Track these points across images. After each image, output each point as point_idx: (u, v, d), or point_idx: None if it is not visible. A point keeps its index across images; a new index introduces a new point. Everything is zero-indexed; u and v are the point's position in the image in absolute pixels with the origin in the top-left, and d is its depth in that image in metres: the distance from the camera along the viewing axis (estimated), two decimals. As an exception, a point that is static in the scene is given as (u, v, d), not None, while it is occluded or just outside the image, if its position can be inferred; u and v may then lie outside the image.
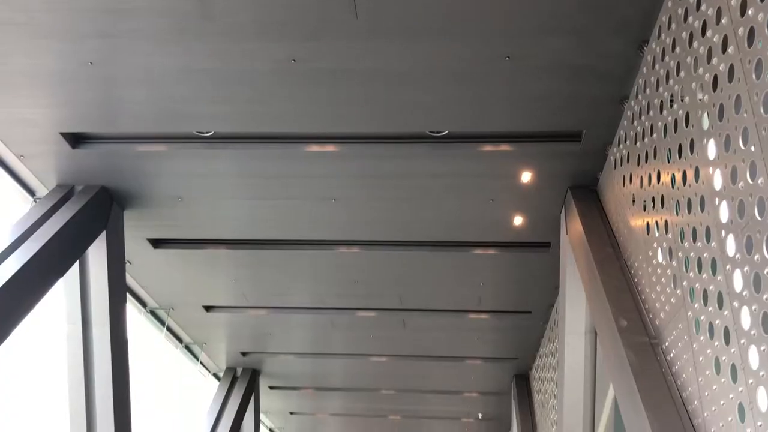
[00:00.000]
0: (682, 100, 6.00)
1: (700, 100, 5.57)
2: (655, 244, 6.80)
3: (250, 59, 7.42)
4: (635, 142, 7.51)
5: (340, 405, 21.60)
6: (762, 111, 4.47)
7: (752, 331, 4.61)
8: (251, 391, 17.59)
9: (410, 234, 11.12)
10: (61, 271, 9.32)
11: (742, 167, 4.76)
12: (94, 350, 10.74)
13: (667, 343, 6.39)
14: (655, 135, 6.82)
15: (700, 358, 5.54)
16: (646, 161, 7.11)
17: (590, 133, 8.35)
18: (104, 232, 10.12)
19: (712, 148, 5.36)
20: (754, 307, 4.58)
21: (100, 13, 6.84)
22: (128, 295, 12.93)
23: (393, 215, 10.50)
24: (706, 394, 5.41)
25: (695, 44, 5.68)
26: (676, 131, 6.19)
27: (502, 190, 9.67)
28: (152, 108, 8.34)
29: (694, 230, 5.69)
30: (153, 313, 14.38)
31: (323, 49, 7.23)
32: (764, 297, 4.43)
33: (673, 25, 6.22)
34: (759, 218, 4.51)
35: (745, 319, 4.75)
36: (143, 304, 13.93)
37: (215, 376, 18.04)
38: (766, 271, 4.40)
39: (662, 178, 6.59)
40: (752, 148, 4.58)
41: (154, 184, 9.96)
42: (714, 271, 5.27)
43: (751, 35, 4.66)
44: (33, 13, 6.89)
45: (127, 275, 12.35)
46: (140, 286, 13.25)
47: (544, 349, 14.54)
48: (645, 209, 7.15)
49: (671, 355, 6.26)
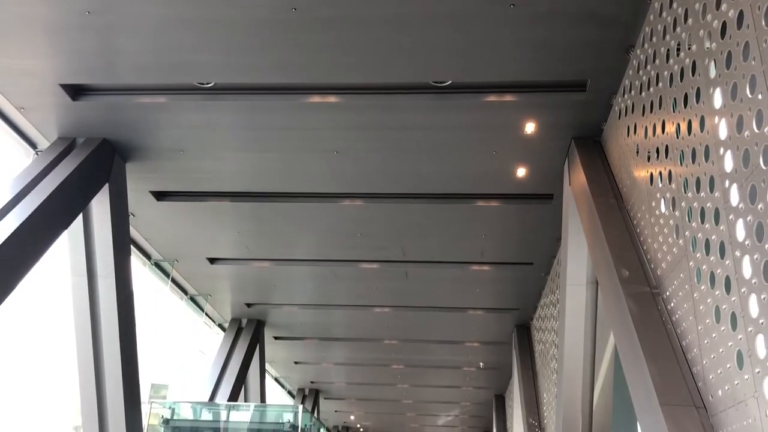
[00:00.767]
0: (689, 48, 5.91)
1: (708, 48, 5.48)
2: (658, 195, 6.78)
3: (250, 8, 7.29)
4: (640, 92, 7.42)
5: (344, 354, 21.95)
6: (770, 58, 4.40)
7: (753, 280, 4.64)
8: (256, 342, 17.87)
9: (413, 186, 11.11)
10: (65, 224, 9.36)
11: (749, 116, 4.71)
12: (100, 302, 10.86)
13: (668, 293, 6.44)
14: (660, 84, 6.73)
15: (701, 307, 5.59)
16: (651, 111, 7.04)
17: (595, 82, 8.25)
18: (107, 185, 10.13)
19: (718, 97, 5.30)
20: (755, 256, 4.60)
21: (96, -40, 6.71)
22: (132, 248, 13.02)
23: (396, 167, 10.48)
24: (706, 342, 5.47)
25: (704, -10, 5.56)
26: (682, 80, 6.11)
27: (505, 141, 9.61)
28: (152, 58, 8.24)
29: (698, 180, 5.67)
30: (157, 266, 14.50)
31: (324, -4, 7.09)
32: (766, 246, 4.44)
33: (682, -29, 6.08)
34: (764, 167, 4.48)
35: (747, 268, 4.77)
36: (148, 256, 14.04)
37: (220, 327, 18.30)
38: (769, 221, 4.40)
39: (667, 128, 6.53)
40: (759, 96, 4.53)
41: (155, 137, 9.92)
42: (717, 221, 5.27)
43: (761, -20, 4.56)
44: (28, -39, 6.76)
45: (131, 228, 12.41)
46: (144, 239, 13.33)
47: (545, 299, 14.68)
48: (649, 160, 7.11)
49: (672, 305, 6.32)
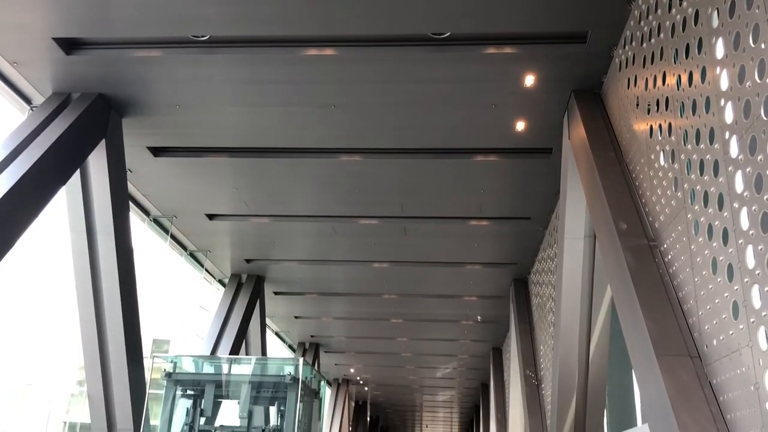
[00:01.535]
0: (692, -3, 5.81)
1: (711, -4, 5.39)
2: (658, 147, 6.76)
3: (245, -42, 7.13)
4: (641, 43, 7.32)
5: (344, 309, 22.16)
6: (774, 6, 4.33)
7: (750, 231, 4.66)
8: (256, 297, 18.02)
9: (411, 141, 11.05)
10: (62, 180, 9.33)
11: (750, 66, 4.66)
12: (100, 258, 10.91)
13: (665, 245, 6.48)
14: (662, 35, 6.64)
15: (698, 259, 5.62)
16: (652, 63, 6.96)
17: (596, 34, 8.13)
18: (104, 141, 10.07)
19: (720, 47, 5.24)
20: (754, 208, 4.61)
21: None
22: (131, 204, 13.02)
23: (394, 122, 10.40)
24: (702, 293, 5.52)
25: (709, -64, 5.44)
26: (684, 30, 6.02)
27: (504, 94, 9.52)
28: (146, 11, 8.09)
29: (698, 132, 5.65)
30: (156, 222, 14.52)
31: (320, -55, 6.94)
32: (765, 197, 4.44)
33: None
34: (765, 118, 4.46)
35: (744, 219, 4.79)
36: (146, 212, 14.05)
37: (221, 282, 18.43)
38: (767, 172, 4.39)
39: (668, 80, 6.47)
40: (762, 46, 4.47)
41: (151, 91, 9.82)
42: (716, 173, 5.26)
43: (768, -75, 4.45)
44: None
45: (129, 184, 12.39)
46: (142, 195, 13.32)
47: (543, 254, 14.76)
48: (648, 112, 7.06)
49: (669, 257, 6.36)
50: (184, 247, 16.08)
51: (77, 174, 10.32)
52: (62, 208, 10.75)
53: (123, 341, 10.98)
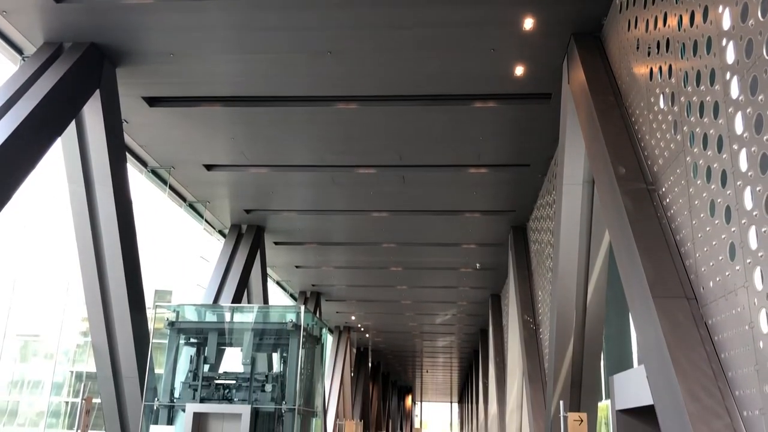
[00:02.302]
0: (696, -66, 5.66)
1: (715, -68, 5.25)
2: (658, 90, 6.69)
3: None
4: (643, -17, 7.17)
5: (344, 258, 22.31)
6: (780, -59, 4.23)
7: (749, 173, 4.65)
8: (257, 247, 18.11)
9: (409, 88, 10.93)
10: (58, 131, 9.26)
11: (753, 4, 4.57)
12: (99, 210, 10.92)
13: (663, 189, 6.48)
14: (664, -26, 6.50)
15: (696, 202, 5.63)
16: (653, 3, 6.83)
17: (596, -26, 7.97)
18: (98, 91, 9.96)
19: (723, -15, 5.13)
20: (753, 149, 4.59)
21: None
22: (128, 155, 12.96)
23: (390, 68, 10.27)
24: (700, 235, 5.55)
25: None
26: (686, -32, 5.89)
27: (503, 38, 9.37)
28: (135, -44, 7.90)
29: (699, 73, 5.58)
30: (154, 173, 14.49)
31: None
32: (765, 138, 4.42)
33: None
34: (767, 57, 4.40)
35: (743, 161, 4.77)
36: (144, 163, 14.00)
37: (221, 233, 18.50)
38: (768, 112, 4.36)
39: (669, 21, 6.36)
40: (766, -17, 4.38)
41: (144, 40, 9.66)
42: (716, 115, 5.22)
43: None
44: None
45: (125, 135, 12.30)
46: (139, 146, 13.24)
47: (542, 200, 14.78)
48: (649, 54, 6.97)
49: (667, 200, 6.37)
50: (183, 198, 16.08)
51: (73, 125, 10.24)
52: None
53: (125, 291, 11.07)
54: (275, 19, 9.02)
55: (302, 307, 11.96)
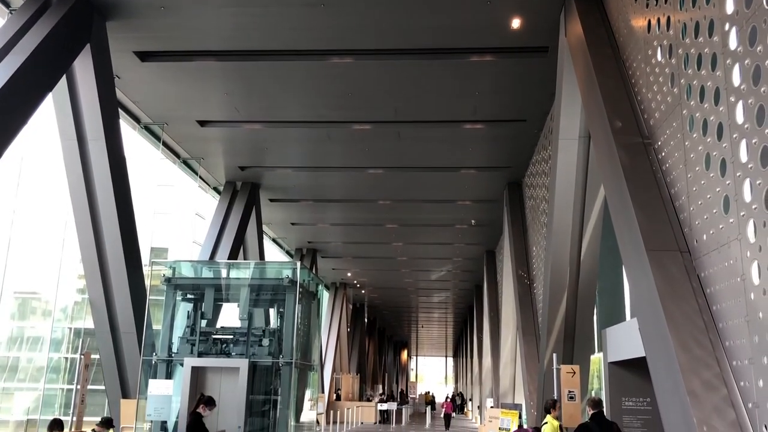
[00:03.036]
0: None
1: None
2: (655, 43, 6.62)
3: None
4: (643, -68, 7.02)
5: (339, 215, 22.34)
6: None
7: (745, 125, 4.64)
8: (252, 204, 18.10)
9: (404, 41, 10.77)
10: (49, 86, 9.14)
11: (755, -48, 4.49)
12: (93, 166, 10.86)
13: (659, 143, 6.46)
14: None
15: (692, 155, 5.62)
16: (653, -47, 6.70)
17: (596, -77, 7.79)
18: (88, 45, 9.80)
19: (724, -67, 5.03)
20: (750, 101, 4.56)
21: None
22: (121, 111, 12.82)
23: (385, 21, 10.10)
24: (694, 189, 5.56)
25: None
26: None
27: (499, -10, 9.22)
28: None
29: (697, 25, 5.51)
30: (148, 129, 14.37)
31: None
32: (762, 90, 4.39)
33: None
34: (767, 7, 4.34)
35: (740, 113, 4.75)
36: (137, 120, 13.87)
37: (215, 190, 18.46)
38: (767, 63, 4.32)
39: (669, -29, 6.25)
40: (768, -70, 4.29)
41: (133, -8, 9.46)
42: (713, 67, 5.18)
43: None
44: None
45: (118, 91, 12.16)
46: (132, 102, 13.10)
47: (538, 156, 14.75)
48: (647, 6, 6.86)
49: (663, 154, 6.36)
50: (177, 155, 15.99)
51: (64, 80, 10.11)
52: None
53: (121, 247, 11.10)
54: (267, -30, 8.83)
55: (298, 263, 12.01)
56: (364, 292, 38.13)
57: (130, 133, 13.93)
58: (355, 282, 35.26)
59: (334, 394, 33.58)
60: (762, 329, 4.35)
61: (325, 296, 34.66)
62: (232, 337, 11.46)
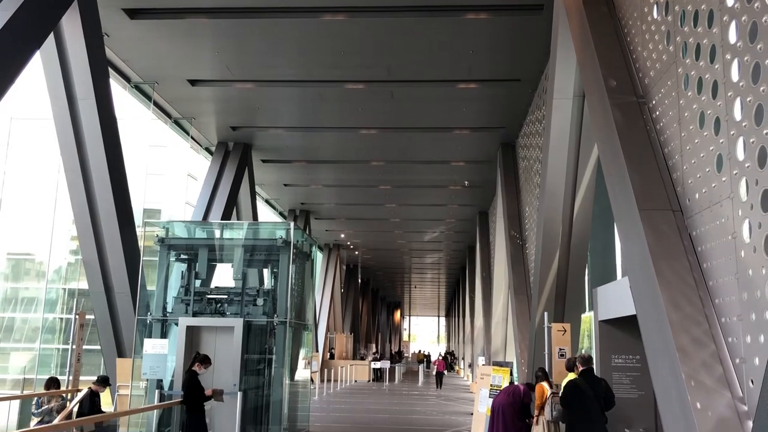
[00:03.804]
0: None
1: None
2: (652, 0, 6.53)
3: None
4: None
5: (332, 176, 22.30)
6: None
7: (741, 83, 4.61)
8: (244, 165, 18.02)
9: (398, -2, 10.62)
10: (36, 43, 8.97)
11: None
12: (84, 126, 10.74)
13: (654, 101, 6.43)
14: None
15: (686, 114, 5.61)
16: None
17: None
18: (76, 1, 9.60)
19: None
20: (746, 58, 4.53)
21: None
22: (111, 71, 12.64)
23: (379, -23, 9.94)
24: (688, 147, 5.56)
25: None
26: None
27: (495, -54, 9.05)
28: None
29: (695, -19, 5.43)
30: (138, 88, 14.19)
31: None
32: (758, 47, 4.36)
33: None
34: (765, -38, 4.28)
35: (735, 71, 4.73)
36: (127, 79, 13.70)
37: (207, 150, 18.34)
38: (764, 19, 4.28)
39: (667, -75, 6.14)
40: None
41: (121, -53, 9.25)
42: (710, 24, 5.13)
43: None
44: None
45: (107, 50, 11.97)
46: (122, 61, 12.92)
47: (532, 116, 14.69)
48: (645, -38, 6.76)
49: (657, 113, 6.34)
50: (169, 115, 15.85)
51: (52, 39, 9.93)
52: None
53: (113, 208, 11.06)
54: (258, -76, 8.63)
55: (291, 224, 12.02)
56: (357, 253, 38.28)
57: (120, 93, 13.77)
58: (349, 243, 35.37)
59: (328, 353, 33.99)
60: (751, 286, 4.40)
61: (319, 257, 34.80)
62: (226, 297, 11.52)
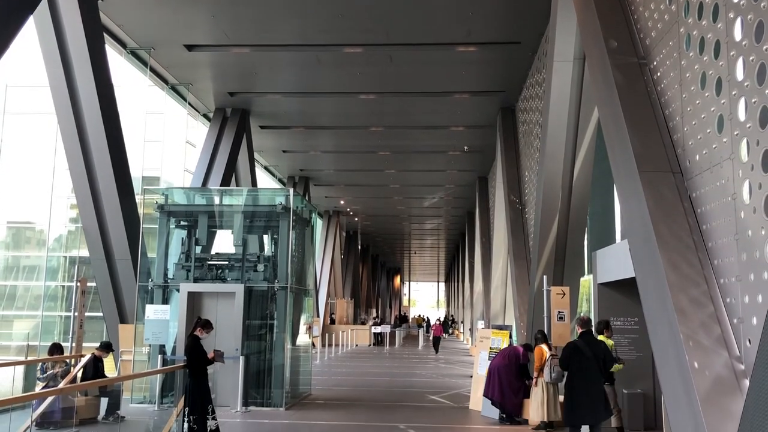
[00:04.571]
0: None
1: None
2: (655, -42, 6.43)
3: None
4: None
5: (331, 142, 22.19)
6: None
7: (743, 42, 4.56)
8: (243, 131, 17.92)
9: (396, -41, 10.45)
10: (29, 9, 8.84)
11: None
12: (80, 92, 10.66)
13: (655, 63, 6.37)
14: None
15: (687, 74, 5.56)
16: None
17: None
18: (68, -35, 9.46)
19: None
20: (749, 17, 4.47)
21: None
22: (106, 36, 12.49)
23: (377, -62, 9.76)
24: (689, 109, 5.52)
25: None
26: None
27: None
28: None
29: (698, -62, 5.34)
30: (134, 54, 14.04)
31: None
32: (762, 5, 4.30)
33: None
34: None
35: (738, 30, 4.67)
36: (123, 45, 13.54)
37: (205, 116, 18.23)
38: (767, -23, 4.21)
39: None
40: None
41: None
42: (713, -18, 5.05)
43: None
44: None
45: (102, 14, 11.80)
46: (117, 26, 12.75)
47: (532, 80, 14.57)
48: None
49: (658, 74, 6.28)
50: (166, 81, 15.70)
51: (45, 4, 9.79)
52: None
53: (112, 175, 11.05)
54: None
55: (291, 190, 12.01)
56: (357, 219, 38.33)
57: (116, 59, 13.64)
58: (348, 210, 35.38)
59: (329, 318, 34.26)
60: (750, 247, 4.42)
61: (319, 224, 34.85)
62: (227, 263, 11.58)
